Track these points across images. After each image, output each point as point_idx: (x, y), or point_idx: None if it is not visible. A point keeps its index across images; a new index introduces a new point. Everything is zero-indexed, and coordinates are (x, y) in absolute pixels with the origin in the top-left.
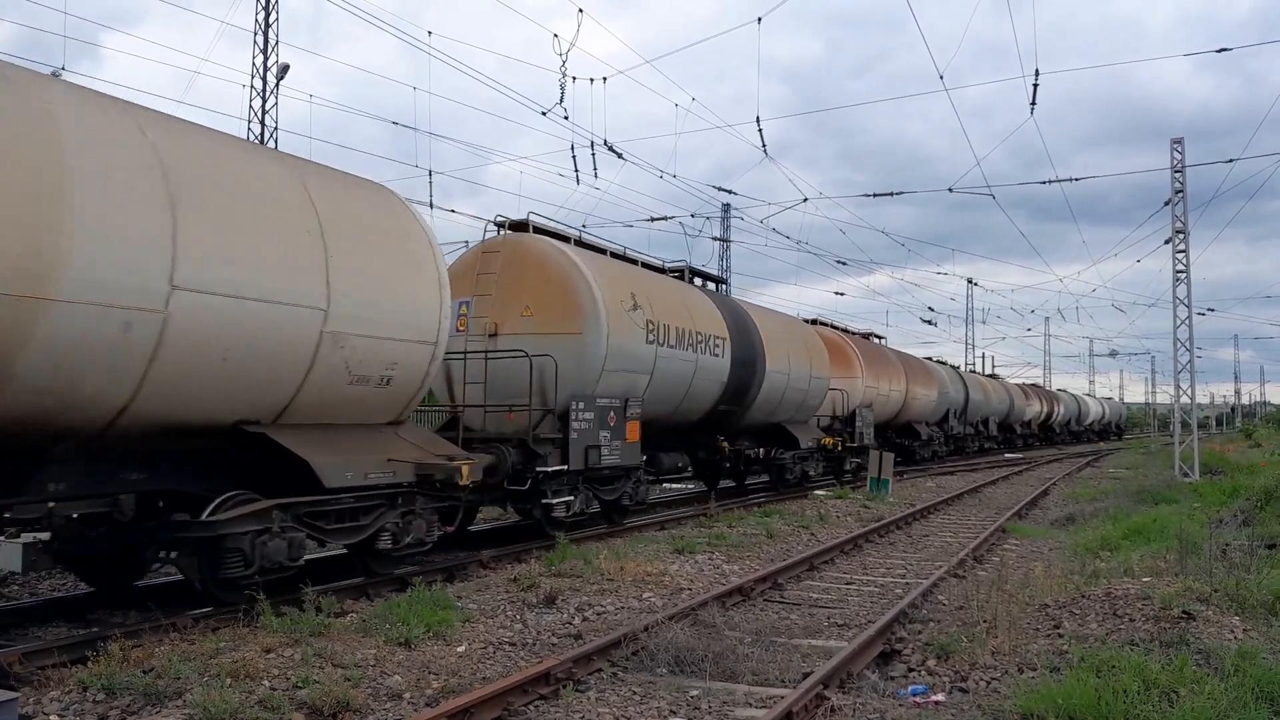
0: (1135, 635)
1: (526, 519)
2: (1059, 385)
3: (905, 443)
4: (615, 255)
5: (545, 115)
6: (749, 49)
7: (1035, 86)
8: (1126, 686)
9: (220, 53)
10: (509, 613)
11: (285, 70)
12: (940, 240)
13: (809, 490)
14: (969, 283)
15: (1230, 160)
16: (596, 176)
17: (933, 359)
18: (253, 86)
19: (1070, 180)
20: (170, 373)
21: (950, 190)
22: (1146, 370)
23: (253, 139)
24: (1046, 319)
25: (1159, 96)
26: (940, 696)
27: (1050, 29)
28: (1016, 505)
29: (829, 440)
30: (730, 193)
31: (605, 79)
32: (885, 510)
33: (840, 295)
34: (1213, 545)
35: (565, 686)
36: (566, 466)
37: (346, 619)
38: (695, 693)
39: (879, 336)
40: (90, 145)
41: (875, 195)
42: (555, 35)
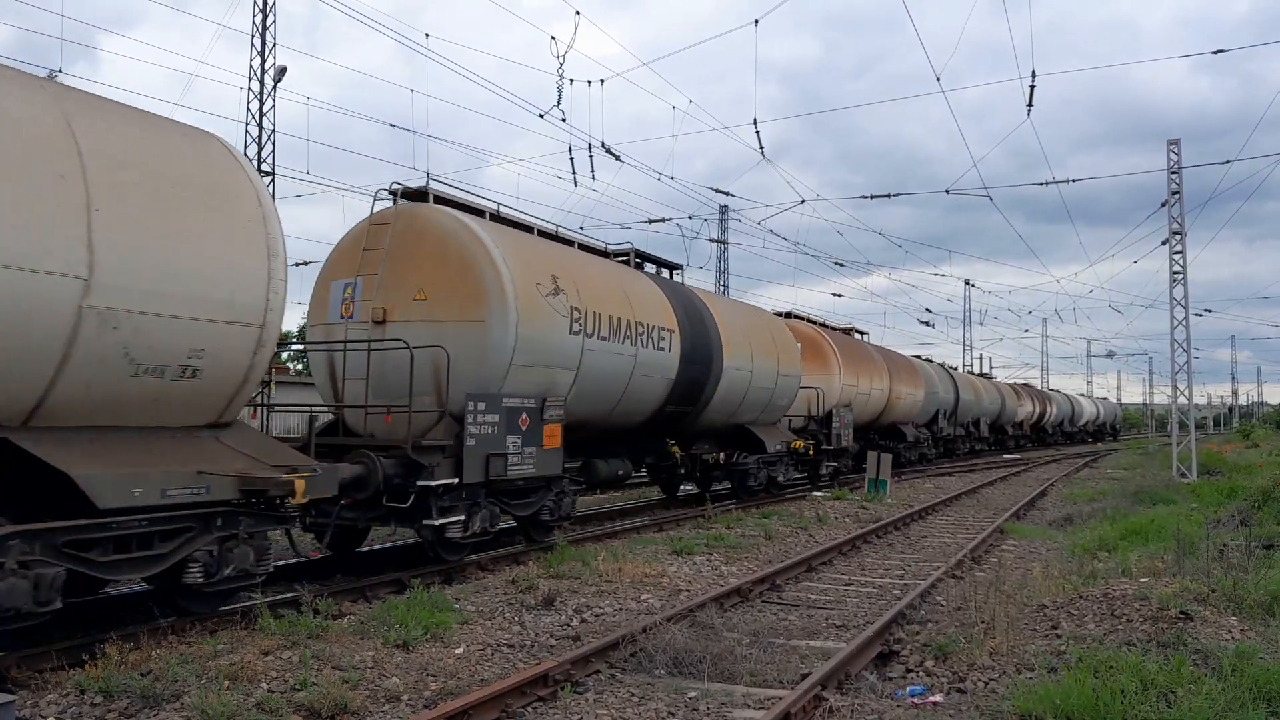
0: (1133, 636)
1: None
2: (1058, 386)
3: (890, 445)
4: (545, 234)
5: (543, 117)
6: (746, 51)
7: (1032, 88)
8: (1124, 687)
9: (217, 55)
10: (507, 614)
11: (283, 72)
12: (938, 242)
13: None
14: (966, 284)
15: (1227, 161)
16: (594, 179)
17: (921, 357)
18: (250, 89)
19: (1067, 181)
20: None
21: (948, 192)
22: (1144, 371)
23: (251, 141)
24: (1044, 320)
25: (1156, 98)
26: (938, 697)
27: (1047, 30)
28: (1014, 506)
29: (799, 443)
30: (728, 194)
31: (603, 81)
32: (883, 511)
33: (838, 297)
34: (1210, 545)
35: (563, 688)
36: (458, 479)
37: (344, 621)
38: (693, 694)
39: (861, 332)
40: None
41: (872, 197)
42: (553, 38)
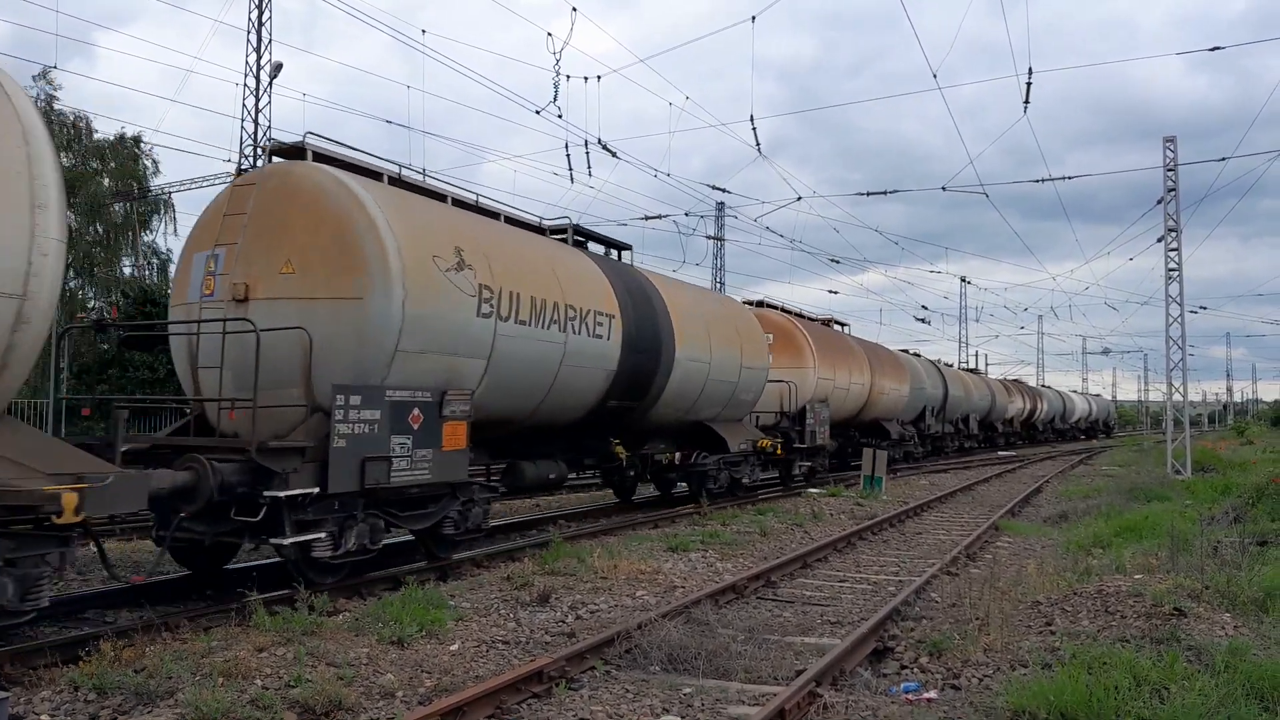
0: (1127, 632)
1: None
2: (1053, 383)
3: (871, 443)
4: (462, 204)
5: (539, 114)
6: (743, 47)
7: (1028, 85)
8: (1118, 683)
9: (213, 51)
10: (502, 611)
11: (279, 69)
12: (934, 238)
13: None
14: (962, 281)
15: (1223, 159)
16: (591, 175)
17: (909, 351)
18: (246, 85)
19: (1063, 179)
20: None
21: (944, 189)
22: (1139, 368)
23: (246, 138)
24: (1040, 317)
25: (1152, 95)
26: (932, 694)
27: (1043, 28)
28: (1009, 503)
29: (766, 442)
30: (724, 191)
31: (599, 78)
32: (879, 508)
33: (834, 294)
34: (1204, 542)
35: (558, 684)
36: (319, 489)
37: (339, 618)
38: (688, 690)
39: (841, 323)
40: None
41: (869, 194)
42: (549, 34)
